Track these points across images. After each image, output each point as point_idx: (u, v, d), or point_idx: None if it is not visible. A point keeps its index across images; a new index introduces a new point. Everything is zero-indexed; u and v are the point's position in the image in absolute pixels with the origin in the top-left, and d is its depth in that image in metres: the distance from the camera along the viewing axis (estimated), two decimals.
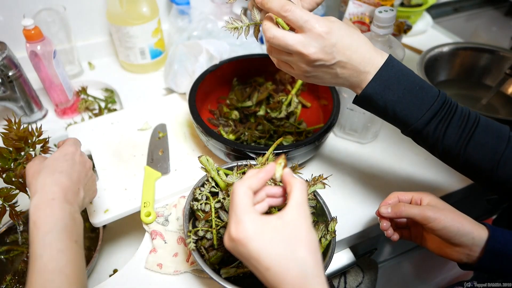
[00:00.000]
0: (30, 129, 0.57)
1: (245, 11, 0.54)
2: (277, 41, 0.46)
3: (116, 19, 0.89)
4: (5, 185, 0.55)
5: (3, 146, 0.55)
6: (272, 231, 0.36)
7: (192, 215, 0.55)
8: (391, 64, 0.48)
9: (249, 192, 0.39)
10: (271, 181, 0.49)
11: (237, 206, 0.38)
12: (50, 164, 0.48)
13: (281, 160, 0.41)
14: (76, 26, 0.96)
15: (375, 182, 0.72)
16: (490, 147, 0.48)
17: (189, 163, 0.73)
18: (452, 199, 0.72)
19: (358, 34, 0.48)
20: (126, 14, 0.88)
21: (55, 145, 0.59)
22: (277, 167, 0.41)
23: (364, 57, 0.47)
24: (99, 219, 0.62)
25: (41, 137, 0.58)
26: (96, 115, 0.90)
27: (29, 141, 0.56)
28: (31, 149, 0.57)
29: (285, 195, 0.42)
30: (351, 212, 0.67)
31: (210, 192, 0.56)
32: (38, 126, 0.59)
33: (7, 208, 0.55)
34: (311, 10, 0.56)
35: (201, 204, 0.54)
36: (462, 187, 0.72)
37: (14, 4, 0.88)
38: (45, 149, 0.58)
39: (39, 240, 0.42)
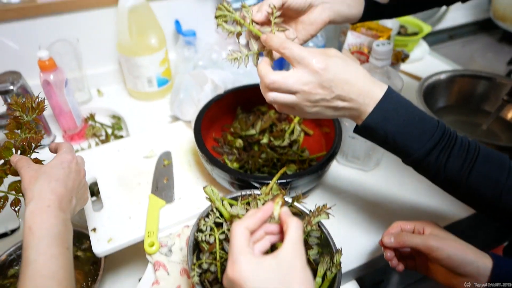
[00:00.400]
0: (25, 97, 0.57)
1: (247, 42, 0.57)
2: (278, 85, 0.48)
3: (126, 50, 0.92)
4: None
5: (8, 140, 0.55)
6: (268, 271, 0.37)
7: (196, 247, 0.56)
8: (390, 96, 0.50)
9: (246, 232, 0.40)
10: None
11: (234, 247, 0.39)
12: (47, 171, 0.49)
13: (279, 199, 0.43)
14: (87, 55, 1.00)
15: (379, 210, 0.73)
16: (492, 177, 0.49)
17: (193, 191, 0.74)
18: (459, 227, 0.72)
19: (355, 68, 0.50)
20: (136, 45, 0.92)
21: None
22: (275, 206, 0.42)
23: (363, 90, 0.49)
24: (102, 249, 0.62)
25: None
26: (103, 141, 0.92)
27: (27, 106, 0.56)
28: (30, 116, 0.56)
29: (282, 232, 0.43)
30: (356, 241, 0.67)
31: (215, 222, 0.57)
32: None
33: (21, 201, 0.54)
34: (306, 41, 0.59)
35: (205, 235, 0.55)
36: (467, 215, 0.72)
37: (30, 35, 0.92)
38: (40, 109, 0.57)
39: (33, 246, 0.43)
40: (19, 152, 0.56)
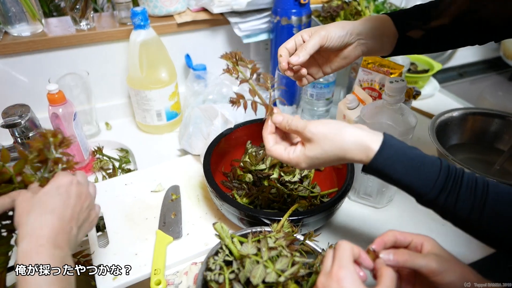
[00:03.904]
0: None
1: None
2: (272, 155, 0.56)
3: (136, 83, 0.93)
4: None
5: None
6: None
7: (205, 286, 0.53)
8: (388, 144, 0.49)
9: (352, 251, 0.44)
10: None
11: (342, 256, 0.42)
12: (41, 201, 0.45)
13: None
14: (97, 88, 1.01)
15: None
16: (505, 215, 0.46)
17: (201, 227, 0.72)
18: (474, 268, 0.69)
19: (343, 134, 0.50)
20: (146, 79, 0.93)
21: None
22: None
23: (358, 151, 0.50)
24: (107, 287, 0.60)
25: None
26: (110, 175, 0.91)
27: (52, 142, 0.50)
28: (55, 152, 0.50)
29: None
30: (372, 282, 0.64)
31: (224, 261, 0.54)
32: None
33: None
34: (336, 71, 0.67)
35: (214, 274, 0.52)
36: (485, 256, 0.69)
37: (40, 69, 0.93)
38: (67, 143, 0.51)
39: None
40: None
